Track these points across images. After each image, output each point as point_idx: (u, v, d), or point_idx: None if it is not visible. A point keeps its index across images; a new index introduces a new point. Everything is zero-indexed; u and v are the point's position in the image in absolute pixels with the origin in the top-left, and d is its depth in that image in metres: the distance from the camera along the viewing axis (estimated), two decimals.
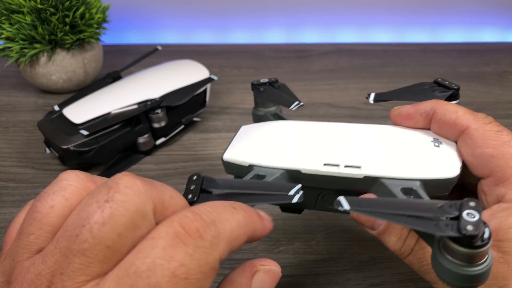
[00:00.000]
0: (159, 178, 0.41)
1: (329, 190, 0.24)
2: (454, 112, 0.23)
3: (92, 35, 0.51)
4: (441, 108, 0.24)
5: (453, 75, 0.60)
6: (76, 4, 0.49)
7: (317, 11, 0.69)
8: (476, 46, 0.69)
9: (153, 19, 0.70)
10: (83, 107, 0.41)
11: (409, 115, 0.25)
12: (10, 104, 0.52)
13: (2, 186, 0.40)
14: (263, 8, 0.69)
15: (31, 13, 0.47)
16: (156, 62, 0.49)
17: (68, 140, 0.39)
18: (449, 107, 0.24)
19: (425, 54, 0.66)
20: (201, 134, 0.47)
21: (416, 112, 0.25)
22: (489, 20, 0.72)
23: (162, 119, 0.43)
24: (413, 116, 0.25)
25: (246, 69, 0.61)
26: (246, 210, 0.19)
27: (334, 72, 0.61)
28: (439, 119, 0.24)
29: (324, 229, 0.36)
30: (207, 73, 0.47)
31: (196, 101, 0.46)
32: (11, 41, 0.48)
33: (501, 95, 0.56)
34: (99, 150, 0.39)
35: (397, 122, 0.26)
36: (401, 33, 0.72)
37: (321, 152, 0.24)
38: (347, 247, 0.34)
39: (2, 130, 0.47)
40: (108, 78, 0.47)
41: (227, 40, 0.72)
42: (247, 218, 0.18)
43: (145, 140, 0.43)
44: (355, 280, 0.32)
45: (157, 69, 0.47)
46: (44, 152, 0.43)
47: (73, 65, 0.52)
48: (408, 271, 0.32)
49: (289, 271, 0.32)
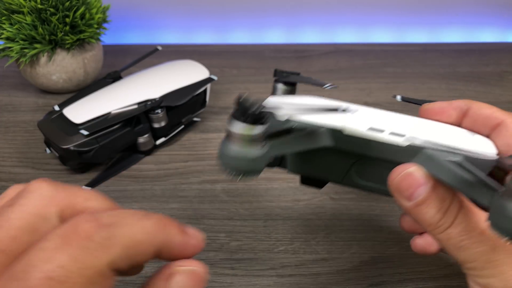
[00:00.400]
0: (159, 178, 0.41)
1: (367, 159, 0.23)
2: (489, 107, 0.24)
3: (92, 35, 0.51)
4: (476, 104, 0.24)
5: (453, 75, 0.60)
6: (76, 4, 0.49)
7: (317, 11, 0.69)
8: (476, 46, 0.69)
9: (153, 19, 0.70)
10: (83, 107, 0.41)
11: (442, 109, 0.25)
12: (10, 104, 0.52)
13: (2, 186, 0.40)
14: (263, 8, 0.69)
15: (31, 13, 0.47)
16: (156, 62, 0.49)
17: (68, 140, 0.39)
18: (484, 104, 0.24)
19: (425, 54, 0.66)
20: (201, 134, 0.47)
21: (449, 106, 0.25)
22: (489, 20, 0.72)
23: (162, 119, 0.43)
24: (446, 110, 0.25)
25: (246, 69, 0.61)
26: (162, 219, 0.17)
27: (334, 72, 0.61)
28: (473, 113, 0.24)
29: (324, 229, 0.36)
30: (207, 73, 0.47)
31: (196, 101, 0.46)
32: (11, 41, 0.48)
33: (501, 95, 0.56)
34: (99, 150, 0.39)
35: (428, 116, 0.26)
36: (401, 33, 0.72)
37: (365, 118, 0.23)
38: (347, 247, 0.34)
39: (2, 130, 0.47)
40: (108, 78, 0.47)
41: (227, 40, 0.72)
42: (158, 227, 0.17)
43: (145, 140, 0.43)
44: (355, 280, 0.32)
45: (157, 69, 0.47)
46: (44, 152, 0.43)
47: (73, 65, 0.52)
48: (408, 271, 0.32)
49: (289, 271, 0.32)
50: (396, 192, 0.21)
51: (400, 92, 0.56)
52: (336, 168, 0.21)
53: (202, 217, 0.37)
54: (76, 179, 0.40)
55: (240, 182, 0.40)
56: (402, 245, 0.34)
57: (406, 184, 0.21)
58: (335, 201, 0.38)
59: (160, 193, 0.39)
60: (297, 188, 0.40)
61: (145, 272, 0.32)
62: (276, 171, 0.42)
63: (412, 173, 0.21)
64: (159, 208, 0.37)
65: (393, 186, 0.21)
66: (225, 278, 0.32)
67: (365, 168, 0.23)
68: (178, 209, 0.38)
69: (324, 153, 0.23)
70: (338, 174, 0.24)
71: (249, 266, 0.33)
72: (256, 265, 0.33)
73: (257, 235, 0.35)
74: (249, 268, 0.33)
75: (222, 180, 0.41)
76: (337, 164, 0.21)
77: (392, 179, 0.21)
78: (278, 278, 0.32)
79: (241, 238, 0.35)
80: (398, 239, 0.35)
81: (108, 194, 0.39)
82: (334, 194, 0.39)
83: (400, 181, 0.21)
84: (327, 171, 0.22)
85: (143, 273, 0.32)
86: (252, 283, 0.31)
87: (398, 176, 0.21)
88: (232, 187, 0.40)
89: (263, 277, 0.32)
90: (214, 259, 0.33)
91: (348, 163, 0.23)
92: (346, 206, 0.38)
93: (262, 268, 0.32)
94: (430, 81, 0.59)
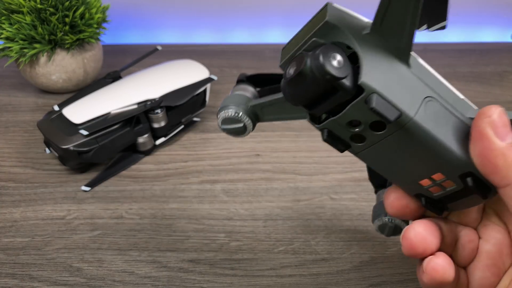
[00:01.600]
0: (159, 178, 0.41)
1: (438, 97, 0.20)
2: None
3: (92, 35, 0.51)
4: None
5: (453, 75, 0.60)
6: (76, 4, 0.49)
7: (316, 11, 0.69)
8: (476, 46, 0.69)
9: (153, 19, 0.70)
10: (83, 107, 0.41)
11: None
12: (10, 104, 0.52)
13: (2, 186, 0.40)
14: (263, 8, 0.69)
15: (31, 13, 0.47)
16: (156, 62, 0.49)
17: (68, 140, 0.39)
18: None
19: (425, 54, 0.66)
20: (201, 134, 0.47)
21: None
22: (489, 20, 0.72)
23: (162, 119, 0.43)
24: None
25: (246, 69, 0.61)
26: None
27: None
28: None
29: (324, 229, 0.36)
30: (207, 73, 0.47)
31: (196, 101, 0.46)
32: (11, 41, 0.48)
33: (501, 95, 0.56)
34: (99, 150, 0.39)
35: None
36: None
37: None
38: (347, 247, 0.34)
39: (2, 130, 0.47)
40: (108, 78, 0.47)
41: (227, 40, 0.72)
42: None
43: (145, 140, 0.43)
44: (355, 280, 0.32)
45: (157, 69, 0.47)
46: (44, 152, 0.43)
47: (73, 65, 0.52)
48: (407, 271, 0.32)
49: (289, 271, 0.32)
50: (492, 127, 0.18)
51: None
52: (411, 96, 0.19)
53: (202, 217, 0.37)
54: (76, 179, 0.40)
55: (240, 182, 0.40)
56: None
57: (504, 121, 0.18)
58: (335, 201, 0.38)
59: (159, 193, 0.39)
60: (297, 188, 0.40)
61: (144, 273, 0.32)
62: (276, 171, 0.42)
63: (507, 114, 0.19)
64: (159, 208, 0.37)
65: (490, 120, 0.19)
66: (225, 278, 0.32)
67: (432, 109, 0.20)
68: (177, 209, 0.37)
69: (402, 73, 0.20)
70: (413, 104, 0.20)
71: (249, 266, 0.33)
72: (256, 265, 0.33)
73: (257, 235, 0.35)
74: (249, 268, 0.32)
75: (222, 180, 0.41)
76: (413, 91, 0.19)
77: (489, 113, 0.19)
78: (278, 278, 0.32)
79: (241, 238, 0.35)
80: (398, 239, 0.35)
81: (107, 194, 0.39)
82: (334, 194, 0.39)
83: (499, 116, 0.18)
84: (404, 96, 0.19)
85: (142, 273, 0.32)
86: (252, 283, 0.31)
87: (496, 109, 0.19)
88: (232, 187, 0.40)
89: (263, 277, 0.32)
90: (214, 260, 0.33)
91: (422, 96, 0.20)
92: (346, 206, 0.38)
93: (262, 268, 0.32)
94: None
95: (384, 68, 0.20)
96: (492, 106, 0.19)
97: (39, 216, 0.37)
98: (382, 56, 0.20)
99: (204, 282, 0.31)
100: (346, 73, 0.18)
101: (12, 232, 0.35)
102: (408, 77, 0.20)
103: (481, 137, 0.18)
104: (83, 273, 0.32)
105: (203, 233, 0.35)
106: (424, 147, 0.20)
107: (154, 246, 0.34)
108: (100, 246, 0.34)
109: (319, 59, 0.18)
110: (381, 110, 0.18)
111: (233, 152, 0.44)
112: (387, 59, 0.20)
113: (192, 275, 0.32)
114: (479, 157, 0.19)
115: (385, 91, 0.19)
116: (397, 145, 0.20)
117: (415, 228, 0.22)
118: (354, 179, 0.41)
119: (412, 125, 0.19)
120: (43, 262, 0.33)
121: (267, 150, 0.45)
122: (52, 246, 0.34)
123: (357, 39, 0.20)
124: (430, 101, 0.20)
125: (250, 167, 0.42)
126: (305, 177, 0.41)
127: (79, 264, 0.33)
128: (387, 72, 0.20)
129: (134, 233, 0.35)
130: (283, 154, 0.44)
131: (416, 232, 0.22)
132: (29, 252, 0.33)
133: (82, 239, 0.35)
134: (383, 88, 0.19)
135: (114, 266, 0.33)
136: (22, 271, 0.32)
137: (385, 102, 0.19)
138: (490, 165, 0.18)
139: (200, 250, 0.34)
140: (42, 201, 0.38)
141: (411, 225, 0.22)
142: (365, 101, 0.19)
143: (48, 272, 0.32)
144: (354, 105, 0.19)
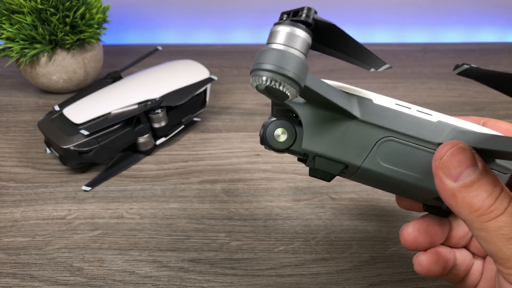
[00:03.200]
0: (159, 178, 0.41)
1: (393, 137, 0.21)
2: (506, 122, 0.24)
3: (92, 35, 0.52)
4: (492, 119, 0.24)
5: (453, 75, 0.60)
6: (77, 5, 0.49)
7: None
8: (476, 46, 0.69)
9: (153, 19, 0.70)
10: (83, 107, 0.42)
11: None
12: (10, 104, 0.52)
13: (2, 186, 0.40)
14: (263, 8, 0.69)
15: (31, 14, 0.47)
16: (156, 62, 0.49)
17: (68, 140, 0.39)
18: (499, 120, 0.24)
19: (425, 54, 0.66)
20: (201, 134, 0.47)
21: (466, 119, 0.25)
22: (489, 20, 0.72)
23: (162, 119, 0.43)
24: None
25: (246, 69, 0.61)
26: None
27: (334, 72, 0.61)
28: (491, 126, 0.24)
29: (324, 229, 0.36)
30: (207, 73, 0.47)
31: (196, 101, 0.47)
32: (11, 41, 0.48)
33: (500, 95, 0.56)
34: (99, 150, 0.39)
35: None
36: (401, 33, 0.72)
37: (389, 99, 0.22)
38: (347, 247, 0.34)
39: (3, 130, 0.48)
40: (108, 78, 0.47)
41: (227, 40, 0.72)
42: None
43: (145, 140, 0.43)
44: (354, 280, 0.32)
45: (157, 69, 0.47)
46: (44, 152, 0.43)
47: (74, 65, 0.52)
48: (407, 271, 0.32)
49: (289, 271, 0.32)
50: (442, 169, 0.19)
51: (400, 92, 0.56)
52: (358, 145, 0.21)
53: (202, 217, 0.37)
54: (76, 179, 0.40)
55: (240, 182, 0.40)
56: (402, 245, 0.34)
57: (457, 161, 0.19)
58: (335, 201, 0.38)
59: (160, 193, 0.39)
60: (297, 188, 0.40)
61: (145, 272, 0.32)
62: (276, 171, 0.42)
63: (466, 150, 0.19)
64: (159, 208, 0.38)
65: (441, 162, 0.19)
66: (225, 278, 0.32)
67: (389, 149, 0.22)
68: (178, 209, 0.38)
69: (347, 126, 0.22)
70: (360, 153, 0.22)
71: (249, 266, 0.33)
72: (256, 265, 0.33)
73: (257, 235, 0.35)
74: (249, 268, 0.33)
75: (222, 180, 0.41)
76: (361, 140, 0.20)
77: (441, 154, 0.19)
78: (278, 278, 0.32)
79: (241, 238, 0.35)
80: (398, 239, 0.35)
81: (108, 194, 0.39)
82: (334, 194, 0.39)
83: (451, 156, 0.19)
84: (347, 149, 0.21)
85: (143, 273, 0.32)
86: (252, 283, 0.31)
87: (449, 150, 0.19)
88: (232, 187, 0.40)
89: (263, 277, 0.32)
90: (214, 259, 0.33)
91: (373, 140, 0.22)
92: (346, 206, 0.38)
93: (262, 268, 0.33)
94: (429, 81, 0.59)
95: (326, 129, 0.22)
96: (446, 145, 0.19)
97: (39, 216, 0.37)
98: (323, 119, 0.22)
99: (204, 281, 0.32)
100: (288, 144, 0.23)
101: (13, 232, 0.35)
102: (353, 129, 0.22)
103: (435, 176, 0.19)
104: (84, 273, 0.32)
105: (203, 233, 0.35)
106: (391, 181, 0.22)
107: (154, 246, 0.34)
108: (101, 246, 0.34)
109: (265, 135, 0.23)
110: (325, 168, 0.22)
111: (233, 152, 0.44)
112: (329, 120, 0.22)
113: (192, 274, 0.32)
114: (438, 192, 0.20)
115: (326, 151, 0.22)
116: (370, 177, 0.23)
117: (408, 228, 0.25)
118: None
119: (363, 171, 0.22)
120: (44, 262, 0.33)
121: (267, 150, 0.45)
122: (52, 246, 0.34)
123: (299, 109, 0.22)
124: (386, 142, 0.22)
125: (250, 167, 0.42)
126: (305, 177, 0.41)
127: (79, 264, 0.33)
128: (329, 132, 0.22)
129: (134, 233, 0.35)
130: (283, 154, 0.44)
131: (408, 232, 0.25)
132: (30, 252, 0.34)
133: (83, 239, 0.35)
134: (324, 149, 0.22)
135: (114, 265, 0.33)
136: (23, 271, 0.32)
137: (327, 160, 0.22)
138: (446, 202, 0.19)
139: (201, 250, 0.34)
140: (42, 201, 0.38)
141: (406, 225, 0.25)
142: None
143: (48, 271, 0.32)
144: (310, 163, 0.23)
